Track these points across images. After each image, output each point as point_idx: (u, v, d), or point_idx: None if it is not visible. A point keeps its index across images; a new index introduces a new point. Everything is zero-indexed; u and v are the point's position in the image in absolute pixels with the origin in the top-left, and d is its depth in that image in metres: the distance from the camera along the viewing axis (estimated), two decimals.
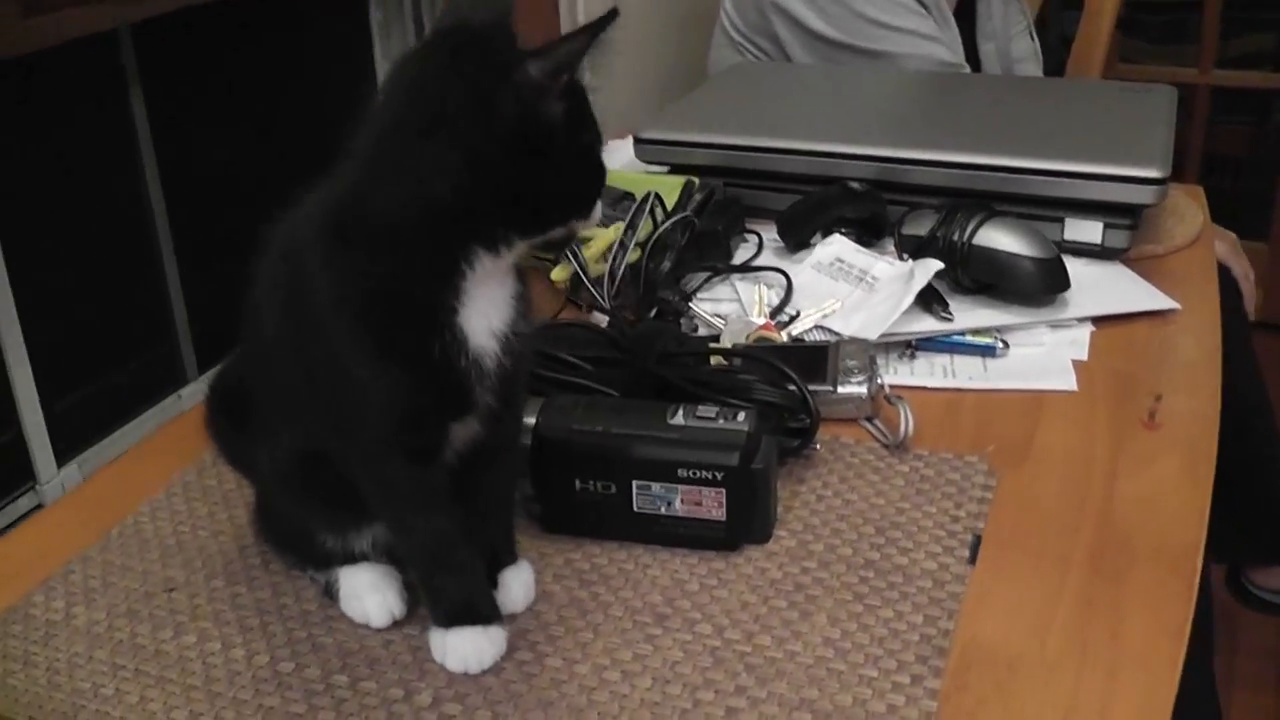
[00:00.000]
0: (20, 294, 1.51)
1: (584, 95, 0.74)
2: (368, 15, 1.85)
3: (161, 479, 1.06)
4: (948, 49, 1.91)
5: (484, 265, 0.74)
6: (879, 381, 1.08)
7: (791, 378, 0.99)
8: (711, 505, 0.91)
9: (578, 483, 0.93)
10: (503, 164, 0.71)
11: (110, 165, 1.69)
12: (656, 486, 0.91)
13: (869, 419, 1.07)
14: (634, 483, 0.92)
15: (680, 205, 1.26)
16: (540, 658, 0.83)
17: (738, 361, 1.07)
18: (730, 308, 1.25)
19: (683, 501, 0.91)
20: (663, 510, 0.92)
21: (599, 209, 0.78)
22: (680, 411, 0.93)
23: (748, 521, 0.92)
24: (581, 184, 0.77)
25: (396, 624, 0.87)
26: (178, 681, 0.84)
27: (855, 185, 1.30)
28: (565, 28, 1.99)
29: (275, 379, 0.82)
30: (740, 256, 1.36)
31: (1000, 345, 1.16)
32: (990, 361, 1.16)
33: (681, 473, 0.90)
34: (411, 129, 0.71)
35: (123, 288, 1.73)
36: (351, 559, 0.88)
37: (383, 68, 1.89)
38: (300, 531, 0.89)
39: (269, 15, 1.76)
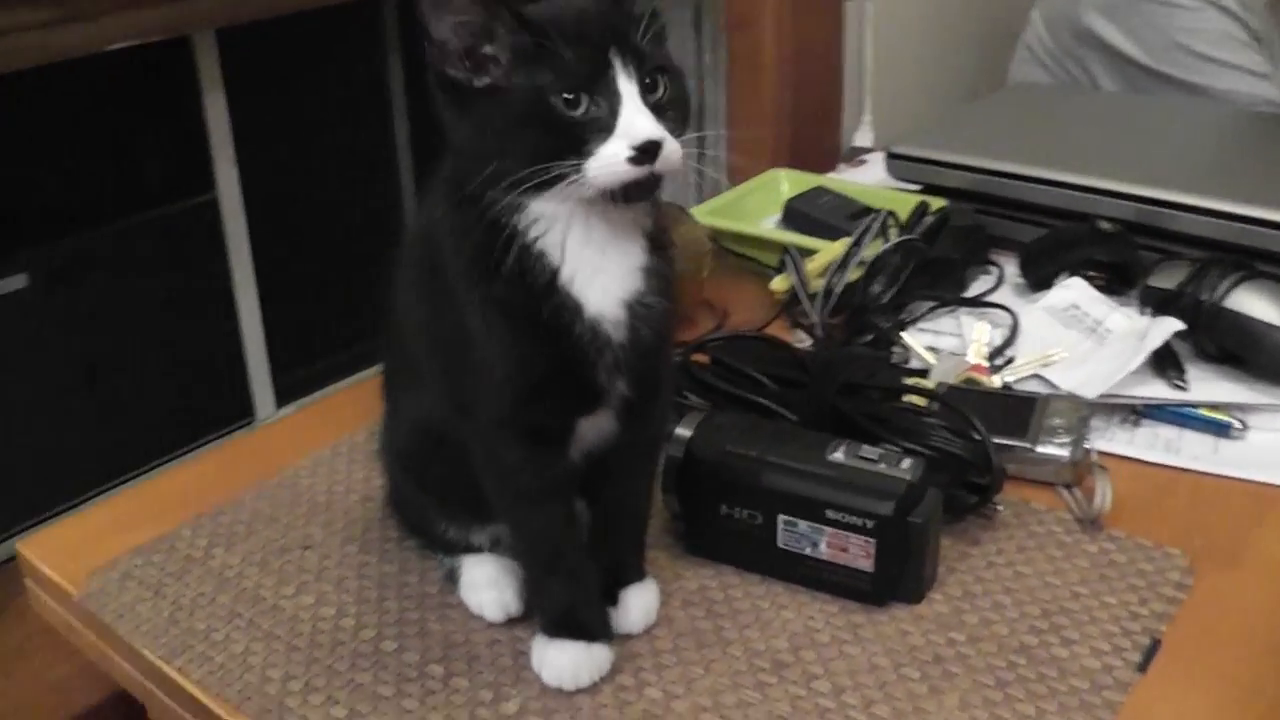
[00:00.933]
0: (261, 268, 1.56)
1: (524, 44, 0.68)
2: None
3: (332, 437, 1.06)
4: (1277, 87, 1.74)
5: (548, 217, 0.70)
6: (1086, 446, 0.98)
7: (977, 428, 0.91)
8: (859, 554, 0.83)
9: (724, 507, 0.88)
10: (442, 114, 0.71)
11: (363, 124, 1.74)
12: (803, 525, 0.85)
13: (1067, 486, 0.97)
14: (780, 517, 0.85)
15: (908, 228, 1.18)
16: (641, 686, 0.78)
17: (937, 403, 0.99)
18: (950, 342, 1.16)
19: (829, 545, 0.84)
20: (808, 551, 0.85)
21: (593, 161, 0.68)
22: (842, 448, 0.86)
23: (897, 577, 0.84)
24: (517, 129, 0.69)
25: (511, 621, 0.84)
26: (283, 639, 0.83)
27: (1106, 226, 1.19)
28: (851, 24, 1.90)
29: (408, 357, 0.81)
30: (978, 288, 1.26)
31: (1237, 425, 1.02)
32: (1222, 443, 1.03)
33: (830, 514, 0.84)
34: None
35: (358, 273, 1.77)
36: (473, 550, 0.86)
37: None
38: (424, 517, 0.87)
39: None
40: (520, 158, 0.68)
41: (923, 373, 1.09)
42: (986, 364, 1.09)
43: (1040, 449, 0.96)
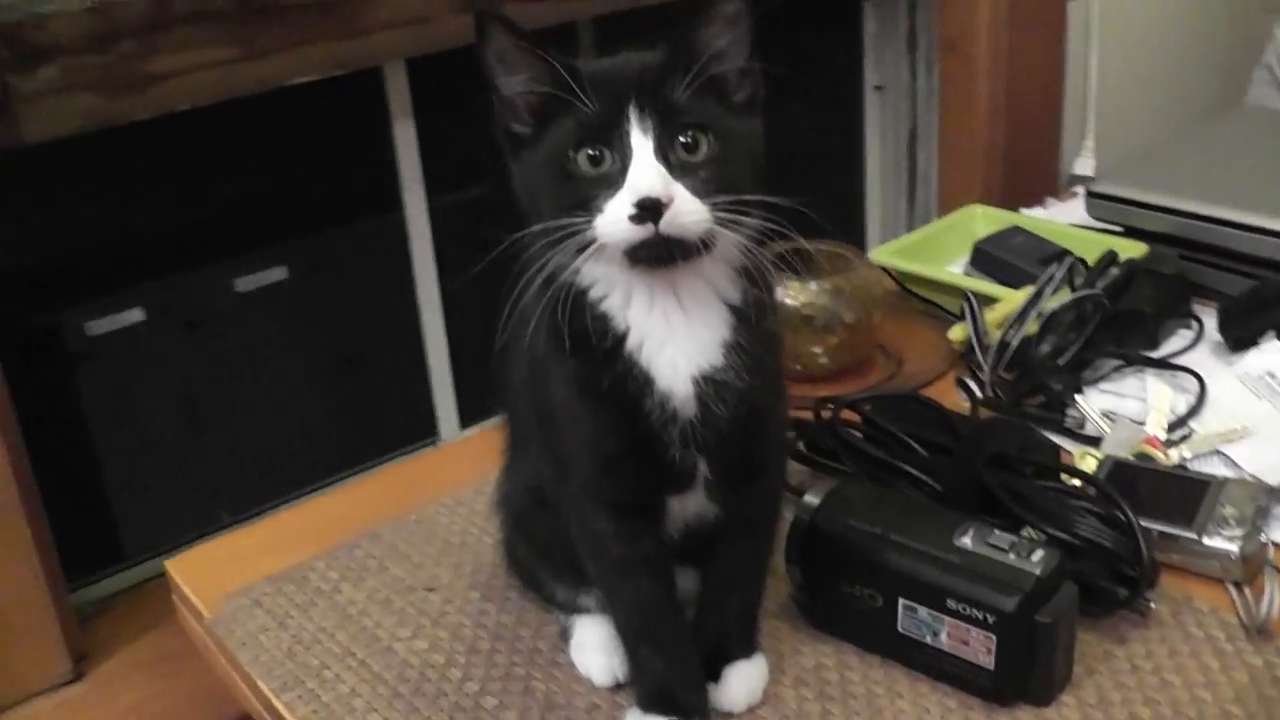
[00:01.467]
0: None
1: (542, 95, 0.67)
2: (860, 29, 1.76)
3: (478, 476, 1.06)
4: None
5: (606, 279, 0.69)
6: (1264, 540, 0.89)
7: (1128, 516, 0.83)
8: (979, 649, 0.78)
9: (845, 584, 0.84)
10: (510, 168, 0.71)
11: None
12: (923, 611, 0.80)
13: (1237, 585, 0.88)
14: (901, 600, 0.81)
15: (1090, 279, 1.10)
16: None
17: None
18: (1133, 406, 1.07)
19: (949, 636, 0.79)
20: (928, 639, 0.80)
21: (601, 218, 0.65)
22: (971, 532, 0.80)
23: (1022, 676, 0.78)
24: (543, 181, 0.68)
25: (618, 687, 0.82)
26: (389, 684, 0.84)
27: None
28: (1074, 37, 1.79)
29: (519, 415, 0.80)
30: (1173, 345, 1.17)
31: None
32: None
33: (951, 604, 0.78)
34: None
35: None
36: (582, 611, 0.84)
37: (872, 80, 1.80)
38: (535, 575, 0.87)
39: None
40: (544, 211, 0.67)
41: (1096, 440, 1.02)
42: (1164, 436, 1.01)
43: (1207, 541, 0.88)
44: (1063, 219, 1.40)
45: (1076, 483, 0.90)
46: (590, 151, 0.66)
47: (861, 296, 1.13)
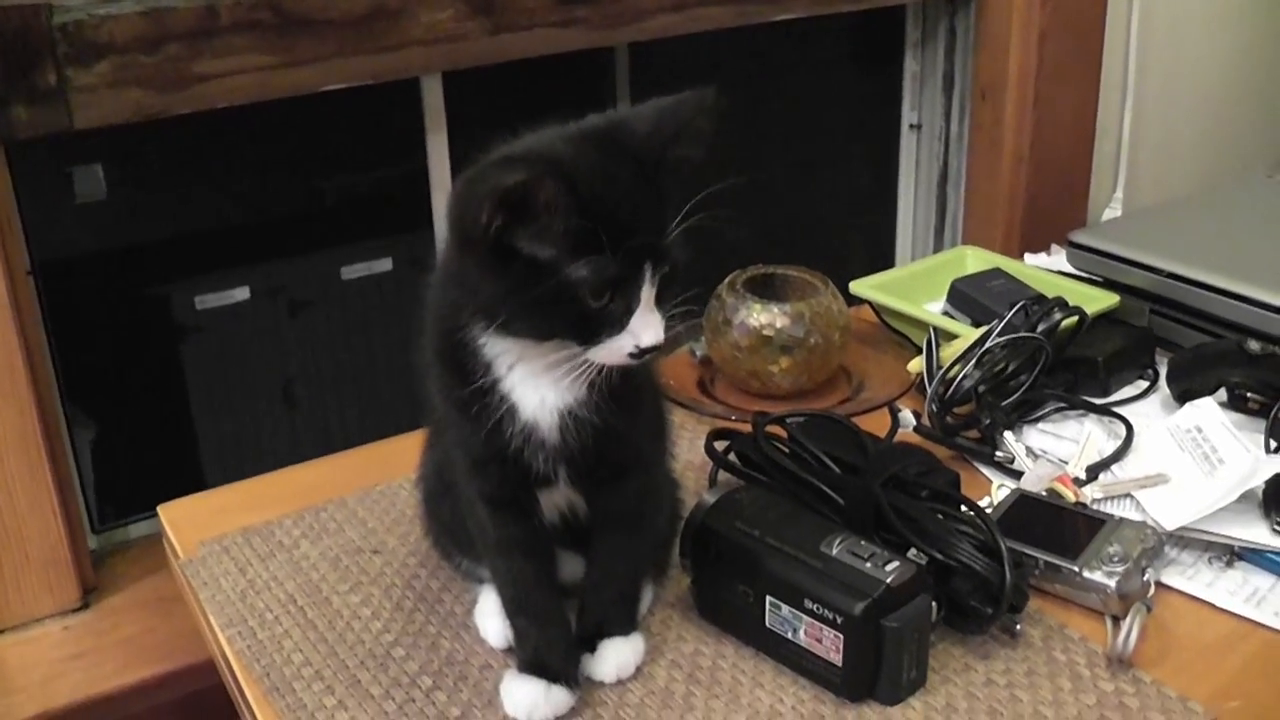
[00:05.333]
0: None
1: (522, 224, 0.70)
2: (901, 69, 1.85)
3: None
4: None
5: (499, 342, 0.76)
6: (1145, 579, 0.94)
7: (996, 542, 0.89)
8: (831, 647, 0.85)
9: (725, 580, 0.91)
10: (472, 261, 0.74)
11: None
12: (786, 609, 0.87)
13: (1116, 619, 0.93)
14: (768, 597, 0.88)
15: (1032, 324, 1.15)
16: None
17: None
18: (1067, 448, 1.13)
19: (807, 633, 0.86)
20: (789, 635, 0.87)
21: (598, 349, 0.74)
22: (838, 541, 0.87)
23: (869, 676, 0.85)
24: (543, 306, 0.72)
25: (512, 649, 0.91)
26: (319, 630, 0.94)
27: (1253, 347, 1.11)
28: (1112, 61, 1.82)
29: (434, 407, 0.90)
30: (1128, 392, 1.22)
31: None
32: None
33: (808, 604, 0.86)
34: None
35: None
36: (485, 581, 0.94)
37: (909, 119, 1.86)
38: (445, 547, 0.96)
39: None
40: (534, 330, 0.74)
41: (1020, 475, 1.08)
42: (1082, 475, 1.06)
43: (1087, 574, 0.93)
44: (1067, 268, 1.44)
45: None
46: (604, 296, 0.72)
47: (822, 322, 1.20)
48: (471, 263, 0.74)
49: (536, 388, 0.78)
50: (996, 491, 1.05)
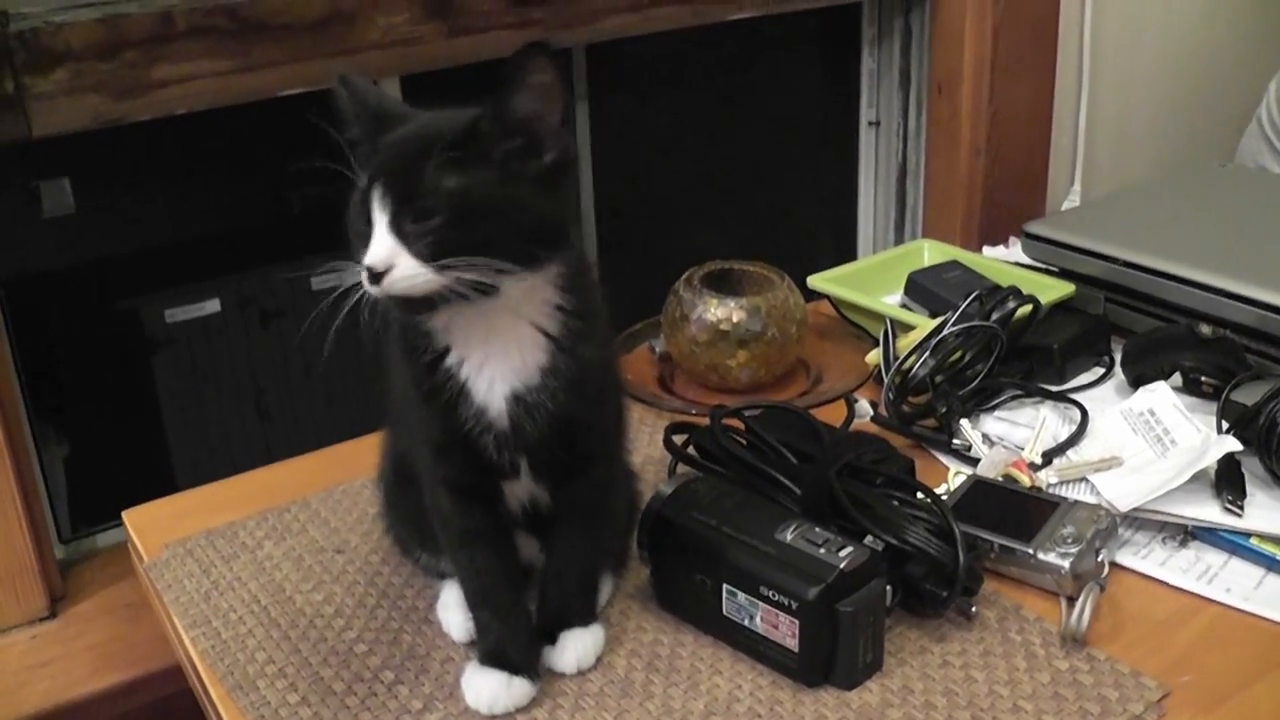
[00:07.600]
0: None
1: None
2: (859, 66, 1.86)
3: None
4: None
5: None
6: (1099, 559, 0.95)
7: (949, 526, 0.91)
8: (786, 632, 0.86)
9: (683, 569, 0.92)
10: None
11: None
12: (742, 597, 0.88)
13: (1070, 599, 0.95)
14: (725, 585, 0.89)
15: (987, 313, 1.17)
16: None
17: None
18: (1023, 434, 1.14)
19: (763, 620, 0.87)
20: (746, 622, 0.89)
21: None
22: (792, 528, 0.89)
23: (826, 661, 0.86)
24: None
25: (474, 643, 0.91)
26: (282, 628, 0.95)
27: (1205, 331, 1.13)
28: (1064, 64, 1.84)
29: (392, 396, 0.90)
30: (1085, 379, 1.23)
31: None
32: (1271, 578, 0.97)
33: (763, 590, 0.87)
34: None
35: None
36: (446, 576, 0.94)
37: (868, 116, 1.88)
38: (405, 542, 0.97)
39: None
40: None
41: (976, 461, 1.09)
42: (1037, 460, 1.07)
43: (1041, 555, 0.95)
44: (1025, 259, 1.46)
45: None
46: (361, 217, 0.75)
47: (779, 315, 1.22)
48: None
49: (484, 370, 0.79)
50: (953, 478, 1.06)
